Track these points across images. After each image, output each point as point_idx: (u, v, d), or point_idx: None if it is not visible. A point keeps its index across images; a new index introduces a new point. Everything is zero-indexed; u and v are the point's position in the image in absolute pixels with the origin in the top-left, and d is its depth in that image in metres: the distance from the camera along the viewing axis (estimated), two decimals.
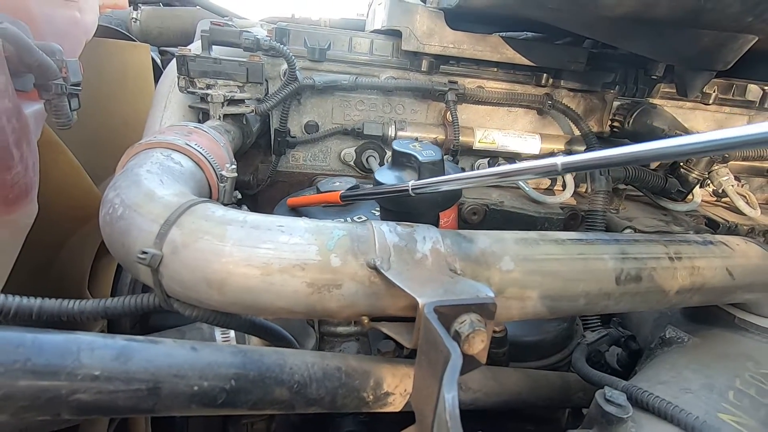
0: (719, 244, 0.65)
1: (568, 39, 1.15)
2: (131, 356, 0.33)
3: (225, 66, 0.90)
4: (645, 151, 0.37)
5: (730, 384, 0.60)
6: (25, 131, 0.65)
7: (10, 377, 0.28)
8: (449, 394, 0.29)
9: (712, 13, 0.64)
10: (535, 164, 0.44)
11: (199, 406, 0.36)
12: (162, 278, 0.43)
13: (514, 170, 0.46)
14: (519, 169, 0.46)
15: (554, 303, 0.53)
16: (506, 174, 0.47)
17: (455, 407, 0.28)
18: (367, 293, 0.45)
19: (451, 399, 0.29)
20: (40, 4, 0.72)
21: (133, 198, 0.48)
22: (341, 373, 0.45)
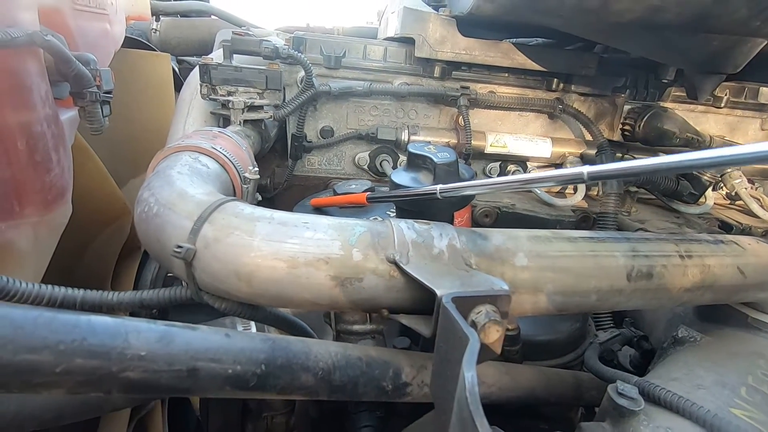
0: (730, 243, 0.66)
1: (579, 44, 1.17)
2: (172, 340, 0.36)
3: (245, 74, 0.94)
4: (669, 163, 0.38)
5: (742, 381, 0.61)
6: (61, 136, 0.69)
7: (69, 354, 0.31)
8: (469, 373, 0.31)
9: (720, 18, 0.65)
10: (561, 173, 0.45)
11: (232, 388, 0.39)
12: (195, 271, 0.46)
13: (540, 177, 0.47)
14: (545, 176, 0.47)
15: (567, 299, 0.54)
16: (532, 181, 0.49)
17: (474, 385, 0.30)
18: (387, 286, 0.47)
19: (470, 377, 0.31)
20: (75, 17, 0.77)
21: (167, 197, 0.51)
22: (362, 362, 0.48)
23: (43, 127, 0.63)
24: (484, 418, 0.29)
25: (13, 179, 0.58)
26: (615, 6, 0.68)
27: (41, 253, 0.68)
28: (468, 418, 0.29)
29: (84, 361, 0.31)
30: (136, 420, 1.22)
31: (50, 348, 0.30)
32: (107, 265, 1.15)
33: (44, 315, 0.31)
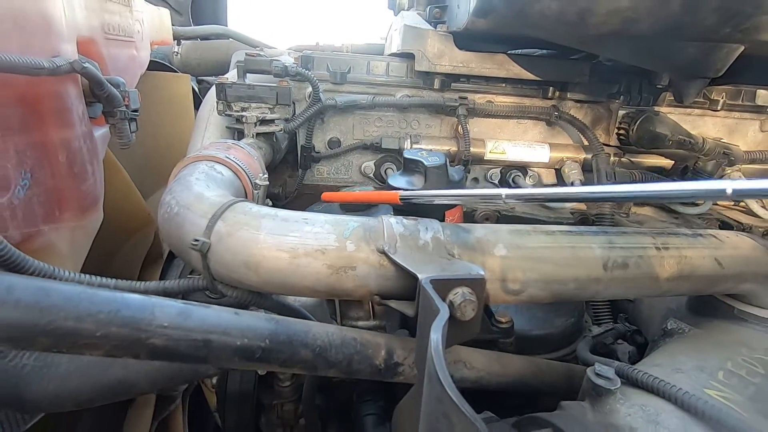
0: (708, 237, 0.70)
1: (583, 54, 1.21)
2: (190, 315, 0.42)
3: (257, 91, 1.02)
4: None
5: (721, 365, 0.64)
6: (95, 151, 0.78)
7: (106, 323, 0.37)
8: (434, 335, 0.36)
9: (691, 26, 0.70)
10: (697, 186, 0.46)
11: (241, 359, 0.45)
12: (210, 262, 0.53)
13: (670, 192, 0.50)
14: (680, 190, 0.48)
15: (547, 286, 0.59)
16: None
17: (438, 345, 0.36)
18: (377, 274, 0.53)
19: (435, 339, 0.36)
20: (107, 45, 0.86)
21: (186, 199, 0.58)
22: (357, 342, 0.53)
23: (80, 142, 0.71)
24: (447, 372, 0.34)
25: (55, 188, 0.67)
26: (592, 19, 0.73)
27: (77, 255, 0.76)
28: (434, 374, 0.35)
29: (118, 329, 0.38)
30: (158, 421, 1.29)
31: (92, 316, 0.37)
32: (133, 271, 1.24)
33: (87, 291, 0.38)
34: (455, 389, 0.33)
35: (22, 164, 0.61)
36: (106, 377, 0.62)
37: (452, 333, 0.48)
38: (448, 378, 0.34)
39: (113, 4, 0.90)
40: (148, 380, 0.65)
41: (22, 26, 0.58)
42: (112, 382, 0.62)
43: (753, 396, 0.59)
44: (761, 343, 0.70)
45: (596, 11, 0.71)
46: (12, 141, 0.59)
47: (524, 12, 0.82)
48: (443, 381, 0.34)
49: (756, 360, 0.65)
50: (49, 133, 0.65)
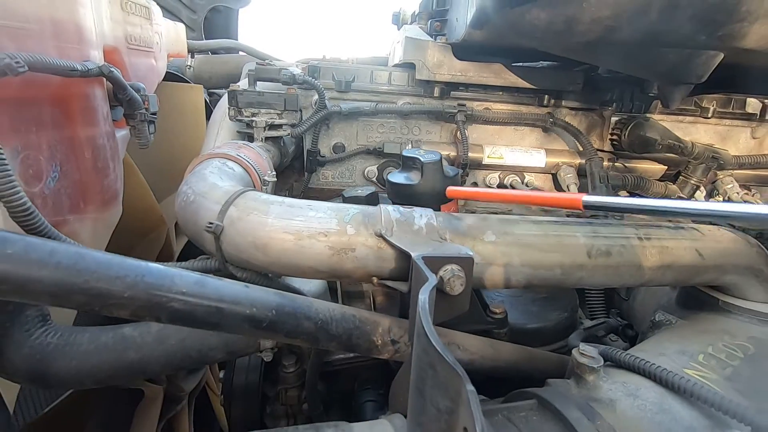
0: (690, 230, 0.74)
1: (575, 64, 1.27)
2: (205, 284, 0.47)
3: (266, 97, 1.09)
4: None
5: (702, 350, 0.67)
6: (116, 150, 0.84)
7: (132, 285, 0.42)
8: (422, 296, 0.41)
9: (669, 34, 0.76)
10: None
11: (250, 326, 0.49)
12: (222, 244, 0.58)
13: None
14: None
15: (533, 271, 0.63)
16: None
17: (425, 304, 0.40)
18: (375, 256, 0.58)
19: (422, 299, 0.40)
20: (129, 54, 0.93)
21: (201, 189, 0.64)
22: (356, 318, 0.58)
23: (104, 140, 0.78)
24: (432, 327, 0.39)
25: (81, 181, 0.73)
26: (577, 28, 0.79)
27: (97, 245, 0.82)
28: (420, 330, 0.39)
29: (142, 291, 0.43)
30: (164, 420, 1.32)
31: (120, 279, 0.42)
32: None
33: (116, 258, 0.43)
34: (440, 341, 0.38)
35: (53, 158, 0.66)
36: (122, 357, 0.67)
37: (442, 307, 0.53)
38: (433, 332, 0.38)
39: (135, 17, 0.98)
40: (159, 363, 0.69)
41: (58, 34, 0.64)
42: (128, 362, 0.67)
43: (730, 376, 0.62)
44: (743, 331, 0.73)
45: (581, 20, 0.77)
46: (45, 136, 0.65)
47: (516, 22, 0.88)
48: (429, 334, 0.38)
49: (737, 346, 0.69)
50: (77, 130, 0.71)
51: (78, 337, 0.66)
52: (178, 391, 1.32)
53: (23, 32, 0.57)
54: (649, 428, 0.51)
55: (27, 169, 0.61)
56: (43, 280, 0.39)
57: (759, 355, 0.67)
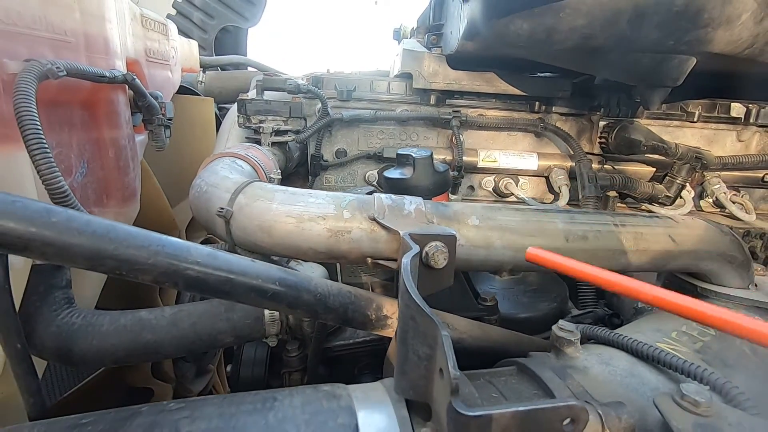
0: (664, 218, 0.80)
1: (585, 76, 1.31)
2: (216, 257, 0.54)
3: (273, 105, 1.17)
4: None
5: (676, 328, 0.72)
6: (136, 151, 0.92)
7: (155, 253, 0.49)
8: (405, 260, 0.47)
9: (639, 40, 0.83)
10: None
11: (256, 296, 0.55)
12: (231, 227, 0.65)
13: None
14: None
15: (515, 254, 0.69)
16: None
17: (407, 266, 0.46)
18: (369, 238, 0.64)
19: (405, 262, 0.46)
20: (148, 66, 1.02)
21: (213, 180, 0.71)
22: (351, 294, 0.63)
23: (125, 142, 0.85)
24: (413, 284, 0.45)
25: (104, 178, 0.80)
26: (556, 36, 0.86)
27: None
28: (403, 287, 0.45)
29: (163, 259, 0.49)
30: None
31: (144, 248, 0.48)
32: None
33: (141, 230, 0.50)
34: (419, 296, 0.44)
35: (81, 155, 0.74)
36: (139, 339, 0.73)
37: (427, 281, 0.59)
38: (414, 288, 0.44)
39: (154, 33, 1.07)
40: (172, 345, 0.75)
41: (89, 46, 0.73)
42: (144, 343, 0.73)
43: (699, 349, 0.66)
44: None
45: (559, 29, 0.84)
46: (75, 136, 0.73)
47: (502, 33, 0.96)
48: (409, 290, 0.44)
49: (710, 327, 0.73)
50: (102, 132, 0.79)
51: (99, 319, 0.73)
52: (186, 393, 1.37)
53: (61, 44, 0.65)
54: (618, 389, 0.56)
55: (59, 164, 0.68)
56: (81, 245, 0.46)
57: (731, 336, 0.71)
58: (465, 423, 0.38)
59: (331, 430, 0.45)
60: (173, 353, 0.81)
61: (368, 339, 0.92)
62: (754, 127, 1.39)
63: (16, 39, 0.58)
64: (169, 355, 0.88)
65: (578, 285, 1.09)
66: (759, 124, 1.38)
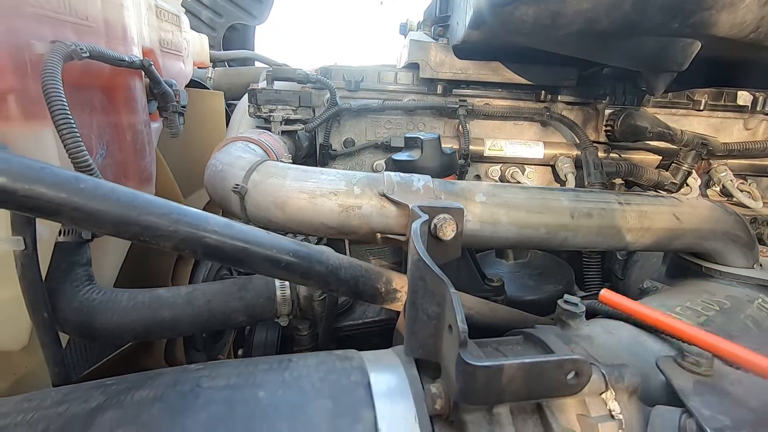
0: (669, 198, 0.81)
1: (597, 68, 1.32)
2: (233, 226, 0.56)
3: (283, 95, 1.20)
4: None
5: (680, 303, 0.73)
6: (151, 137, 0.94)
7: (175, 221, 0.51)
8: (415, 226, 0.49)
9: (643, 23, 0.84)
10: None
11: (270, 265, 0.57)
12: (246, 203, 0.67)
13: None
14: None
15: (520, 230, 0.71)
16: None
17: (417, 231, 0.48)
18: (379, 213, 0.66)
19: (414, 228, 0.48)
20: (162, 56, 1.05)
21: (228, 160, 0.73)
22: (362, 268, 0.66)
23: (142, 127, 0.88)
24: (423, 247, 0.47)
25: (123, 161, 0.83)
26: (561, 21, 0.88)
27: None
28: (413, 250, 0.47)
29: (183, 227, 0.51)
30: None
31: (166, 216, 0.51)
32: (168, 263, 1.39)
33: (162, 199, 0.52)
34: (428, 256, 0.46)
35: (101, 138, 0.77)
36: (157, 315, 0.75)
37: (435, 252, 0.61)
38: (423, 249, 0.46)
39: (167, 24, 1.10)
40: (188, 322, 0.78)
41: (108, 32, 0.76)
42: (161, 319, 0.75)
43: (702, 323, 0.68)
44: (722, 291, 0.79)
45: (564, 13, 0.86)
46: (96, 119, 0.75)
47: (507, 20, 0.97)
48: (419, 251, 0.46)
49: (714, 302, 0.74)
50: (120, 116, 0.82)
51: (118, 296, 0.76)
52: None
53: (83, 28, 0.68)
54: (621, 354, 0.57)
55: None
56: (108, 211, 0.48)
57: (734, 309, 0.72)
58: (473, 373, 0.40)
59: (345, 386, 0.47)
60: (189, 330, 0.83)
61: (377, 319, 0.94)
62: (760, 115, 1.39)
63: (43, 22, 0.60)
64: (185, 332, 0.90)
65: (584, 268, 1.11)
66: (766, 113, 1.38)
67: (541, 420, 0.47)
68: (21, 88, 0.56)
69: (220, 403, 0.45)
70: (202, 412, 0.44)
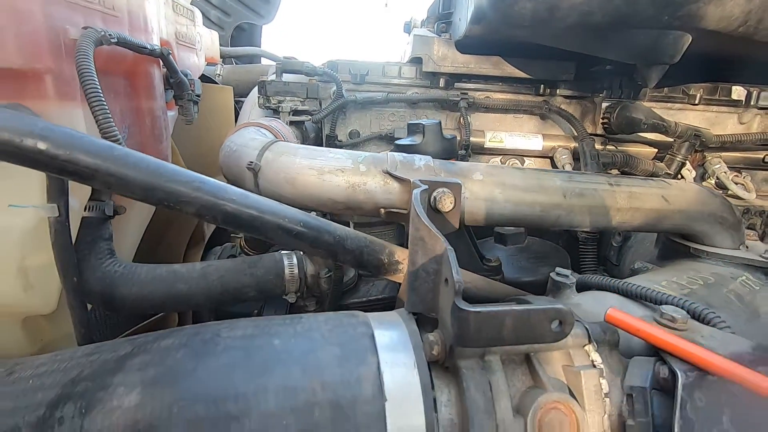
0: (658, 180, 0.85)
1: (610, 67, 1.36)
2: (248, 196, 0.61)
3: (291, 87, 1.25)
4: None
5: (667, 278, 0.77)
6: (167, 123, 1.00)
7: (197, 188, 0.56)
8: (415, 192, 0.53)
9: (634, 16, 0.88)
10: None
11: (282, 233, 0.62)
12: (259, 179, 0.72)
13: None
14: None
15: (516, 207, 0.75)
16: None
17: (417, 196, 0.53)
18: (383, 190, 0.71)
19: (415, 193, 0.53)
20: (178, 48, 1.11)
21: (242, 141, 0.78)
22: (366, 240, 0.70)
23: (159, 113, 0.94)
24: (422, 210, 0.51)
25: (142, 143, 0.88)
26: (557, 14, 0.92)
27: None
28: (413, 213, 0.52)
29: (204, 194, 0.57)
30: None
31: (188, 183, 0.56)
32: (178, 251, 1.44)
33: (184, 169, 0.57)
34: (427, 218, 0.50)
35: (123, 121, 0.82)
36: (173, 288, 0.80)
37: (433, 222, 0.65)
38: (423, 213, 0.51)
39: (182, 18, 1.16)
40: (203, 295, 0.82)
41: (131, 22, 0.81)
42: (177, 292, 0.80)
43: (686, 294, 0.72)
44: (708, 269, 0.83)
45: (560, 6, 0.91)
46: (118, 103, 0.81)
47: (507, 14, 1.02)
48: (419, 214, 0.51)
49: (699, 278, 0.79)
50: (140, 101, 0.87)
51: (138, 269, 0.80)
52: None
53: (110, 17, 0.74)
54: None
55: None
56: (137, 177, 0.53)
57: (717, 284, 0.77)
58: (466, 318, 0.44)
59: (351, 336, 0.52)
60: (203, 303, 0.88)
61: (381, 297, 0.98)
62: (754, 109, 1.43)
63: (75, 10, 0.66)
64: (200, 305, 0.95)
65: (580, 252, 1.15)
66: (760, 107, 1.42)
67: (529, 369, 0.51)
68: (57, 69, 0.62)
69: (239, 349, 0.50)
70: (222, 355, 0.49)
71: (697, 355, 0.46)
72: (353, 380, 0.47)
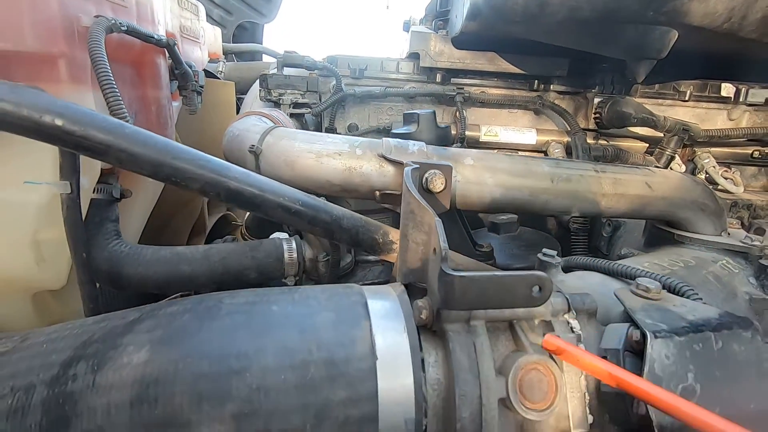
0: (642, 168, 0.89)
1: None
2: (250, 175, 0.64)
3: (291, 80, 1.29)
4: None
5: (649, 261, 0.81)
6: (172, 112, 1.03)
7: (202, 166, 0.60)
8: (407, 169, 0.57)
9: (621, 11, 0.92)
10: None
11: (282, 211, 0.66)
12: (260, 162, 0.76)
13: None
14: None
15: (505, 191, 0.79)
16: None
17: (408, 174, 0.56)
18: (378, 173, 0.75)
19: (407, 171, 0.57)
20: (182, 41, 1.15)
21: (244, 126, 0.82)
22: (362, 220, 0.74)
23: (165, 102, 0.97)
24: (413, 185, 0.55)
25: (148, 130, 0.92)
26: (547, 9, 0.96)
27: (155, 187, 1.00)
28: (405, 188, 0.55)
29: (208, 172, 0.60)
30: None
31: (194, 161, 0.59)
32: (181, 239, 1.48)
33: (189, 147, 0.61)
34: (417, 193, 0.54)
35: (130, 108, 0.86)
36: (177, 269, 0.84)
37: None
38: (413, 188, 0.55)
39: (187, 12, 1.19)
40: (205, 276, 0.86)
41: (139, 13, 0.85)
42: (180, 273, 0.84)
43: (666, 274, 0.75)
44: (690, 253, 0.86)
45: (550, 2, 0.94)
46: (126, 91, 0.84)
47: (501, 10, 1.06)
48: (410, 188, 0.54)
49: (681, 260, 0.82)
50: (147, 90, 0.91)
51: (143, 250, 0.84)
52: None
53: (119, 8, 0.77)
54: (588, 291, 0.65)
55: None
56: (146, 154, 0.57)
57: (698, 267, 0.80)
58: (451, 282, 0.48)
59: (345, 304, 0.55)
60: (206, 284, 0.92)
61: (376, 282, 1.02)
62: (743, 106, 1.47)
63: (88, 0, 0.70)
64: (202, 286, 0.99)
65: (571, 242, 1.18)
66: (748, 103, 1.46)
67: (512, 335, 0.55)
68: (70, 54, 0.65)
69: (240, 313, 0.53)
70: (225, 318, 0.52)
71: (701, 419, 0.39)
72: (347, 341, 0.50)
